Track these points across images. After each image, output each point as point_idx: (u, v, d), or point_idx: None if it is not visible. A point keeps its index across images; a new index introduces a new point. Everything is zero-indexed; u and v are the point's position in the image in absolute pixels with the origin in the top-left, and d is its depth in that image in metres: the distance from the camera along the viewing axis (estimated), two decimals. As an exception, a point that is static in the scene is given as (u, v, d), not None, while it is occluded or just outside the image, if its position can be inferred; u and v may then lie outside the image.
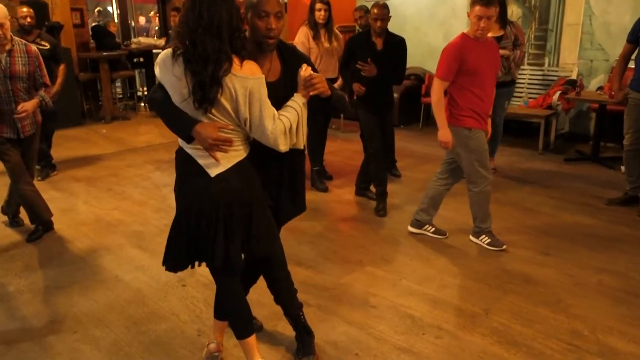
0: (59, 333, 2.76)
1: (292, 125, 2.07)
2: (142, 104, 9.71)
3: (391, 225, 4.13)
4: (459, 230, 3.95)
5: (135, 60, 9.38)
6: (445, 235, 3.86)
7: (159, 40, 9.66)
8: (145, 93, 10.01)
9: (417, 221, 3.89)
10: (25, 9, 4.98)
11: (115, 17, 10.80)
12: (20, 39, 3.74)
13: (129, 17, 10.91)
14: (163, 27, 10.35)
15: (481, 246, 3.69)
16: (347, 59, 4.35)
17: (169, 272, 2.22)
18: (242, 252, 2.17)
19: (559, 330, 2.72)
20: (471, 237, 3.78)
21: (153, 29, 12.71)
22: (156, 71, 2.01)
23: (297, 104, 2.10)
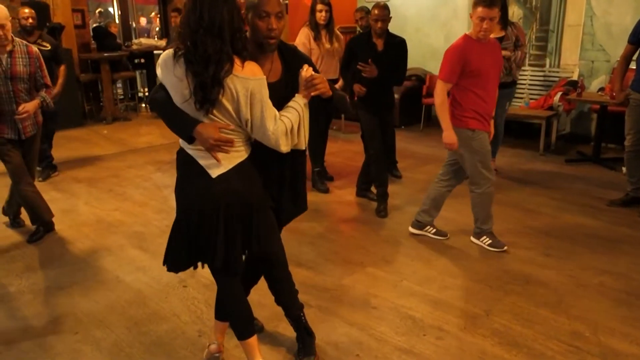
0: (60, 334, 2.76)
1: (294, 126, 2.07)
2: (143, 105, 9.72)
3: (392, 226, 4.13)
4: (460, 231, 3.94)
5: (136, 61, 9.39)
6: (446, 236, 3.86)
7: (160, 41, 9.67)
8: (146, 94, 10.03)
9: (418, 222, 3.89)
10: (27, 10, 4.99)
11: (116, 18, 10.82)
12: (21, 39, 3.75)
13: (130, 18, 10.93)
14: (164, 28, 10.36)
15: (482, 247, 3.68)
16: (348, 60, 4.36)
17: (169, 272, 2.23)
18: (243, 253, 2.17)
19: (560, 332, 2.72)
20: (472, 238, 3.77)
21: (154, 29, 12.73)
22: (158, 72, 2.01)
23: (299, 105, 2.10)
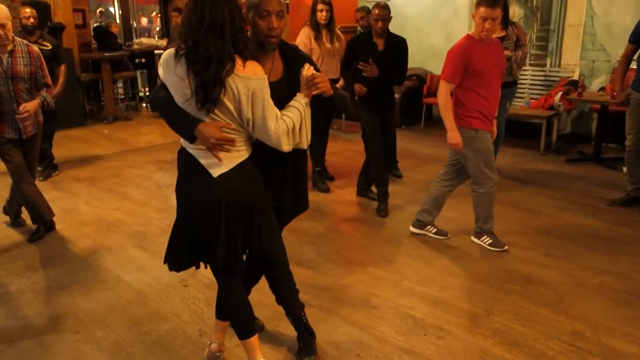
0: (61, 333, 2.76)
1: (295, 125, 2.07)
2: (144, 105, 9.72)
3: (393, 226, 4.13)
4: (460, 231, 3.94)
5: (137, 61, 9.39)
6: (447, 236, 3.86)
7: (161, 41, 9.68)
8: (147, 94, 10.03)
9: (419, 222, 3.89)
10: (28, 10, 4.99)
11: (117, 17, 10.82)
12: (21, 39, 3.75)
13: (130, 17, 10.94)
14: (165, 28, 10.37)
15: (482, 247, 3.68)
16: (349, 59, 4.36)
17: (170, 272, 2.23)
18: (244, 252, 2.17)
19: (561, 331, 2.72)
20: (473, 238, 3.77)
21: (155, 29, 12.73)
22: (159, 71, 2.01)
23: (300, 104, 2.10)
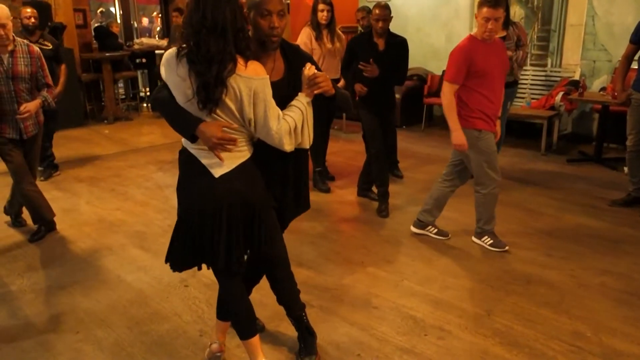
0: (61, 333, 2.76)
1: (297, 125, 2.06)
2: (145, 105, 9.73)
3: (393, 226, 4.13)
4: (461, 231, 3.94)
5: (137, 61, 9.40)
6: (448, 236, 3.86)
7: (162, 41, 9.68)
8: (148, 94, 10.03)
9: (420, 222, 3.89)
10: (29, 10, 5.00)
11: (117, 17, 10.83)
12: (22, 39, 3.75)
13: (131, 17, 10.94)
14: (165, 28, 10.38)
15: (483, 247, 3.68)
16: (349, 59, 4.36)
17: (171, 272, 2.23)
18: (245, 253, 2.17)
19: (562, 332, 2.71)
20: (473, 238, 3.77)
21: (155, 29, 12.74)
22: (161, 71, 2.01)
23: (302, 103, 2.09)
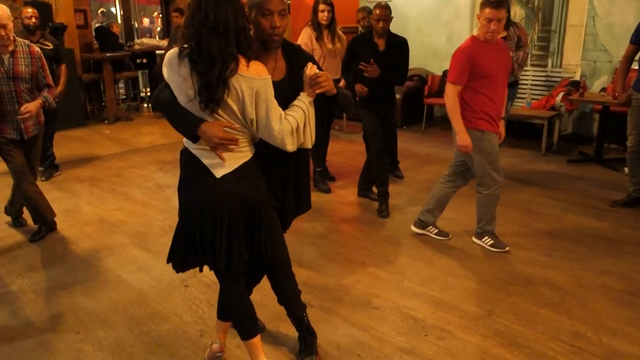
0: (62, 333, 2.76)
1: (299, 125, 2.06)
2: (145, 105, 9.73)
3: (393, 227, 4.13)
4: (461, 231, 3.94)
5: (138, 61, 9.40)
6: (448, 236, 3.85)
7: (162, 41, 9.69)
8: (149, 94, 10.04)
9: (421, 221, 3.89)
10: (30, 10, 5.01)
11: (118, 18, 10.84)
12: (23, 39, 3.75)
13: (132, 18, 10.95)
14: (166, 28, 10.38)
15: (484, 247, 3.68)
16: (349, 60, 4.36)
17: (171, 272, 2.22)
18: (246, 253, 2.16)
19: (562, 332, 2.71)
20: (474, 239, 3.77)
21: (156, 30, 12.75)
22: (163, 71, 2.00)
23: (304, 103, 2.09)
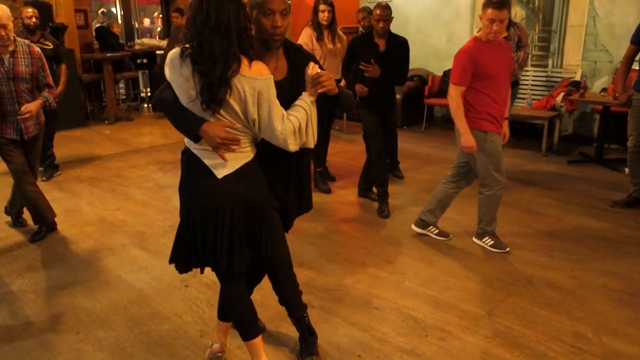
0: (62, 333, 2.76)
1: (302, 125, 2.05)
2: (146, 105, 9.73)
3: (394, 227, 4.13)
4: (462, 232, 3.94)
5: (138, 61, 9.41)
6: (449, 237, 3.85)
7: (162, 42, 9.69)
8: (149, 94, 10.04)
9: (422, 221, 3.88)
10: (30, 9, 5.01)
11: (118, 18, 10.84)
12: (23, 39, 3.75)
13: (132, 18, 10.95)
14: (166, 29, 10.38)
15: (484, 248, 3.68)
16: (350, 60, 4.36)
17: (171, 272, 2.23)
18: (247, 254, 2.16)
19: (563, 333, 2.71)
20: (474, 239, 3.76)
21: (156, 30, 12.75)
22: (165, 71, 2.00)
23: (306, 103, 2.08)
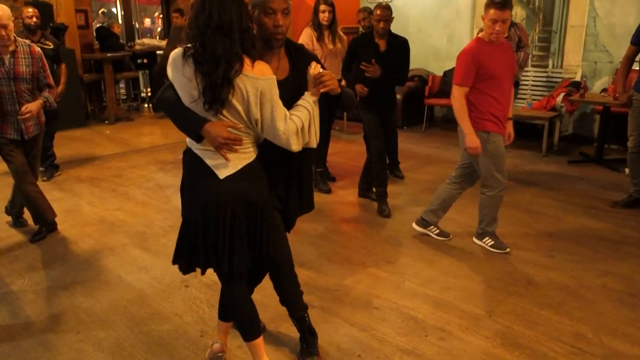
0: (62, 333, 2.76)
1: (304, 125, 2.05)
2: (146, 105, 9.73)
3: (394, 227, 4.12)
4: (463, 232, 3.94)
5: (139, 61, 9.41)
6: (449, 237, 3.85)
7: (163, 42, 9.69)
8: (149, 94, 10.04)
9: (424, 220, 3.88)
10: (30, 9, 5.02)
11: (119, 18, 10.85)
12: (23, 39, 3.75)
13: (132, 18, 10.96)
14: (167, 29, 10.38)
15: (485, 248, 3.68)
16: (350, 60, 4.36)
17: (172, 272, 2.23)
18: (249, 255, 2.16)
19: (563, 333, 2.71)
20: (475, 239, 3.76)
21: (156, 30, 12.75)
22: (168, 71, 1.99)
23: (308, 103, 2.08)
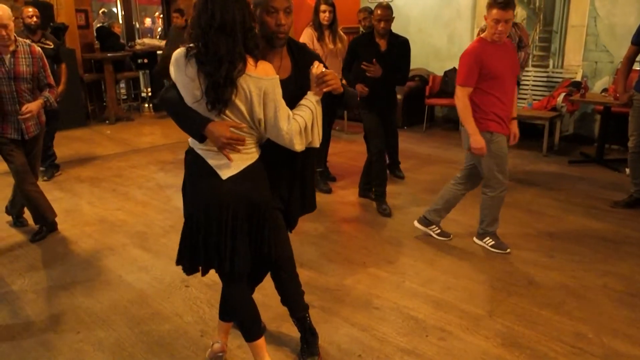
0: (62, 333, 2.76)
1: (307, 124, 2.05)
2: (146, 105, 9.73)
3: (394, 227, 4.12)
4: (463, 232, 3.93)
5: (139, 61, 9.41)
6: (450, 237, 3.85)
7: (163, 42, 9.68)
8: (149, 94, 10.04)
9: (426, 219, 3.87)
10: (31, 9, 5.02)
11: (119, 18, 10.85)
12: (24, 39, 3.75)
13: (133, 18, 10.96)
14: (167, 29, 10.38)
15: (485, 248, 3.67)
16: (351, 60, 4.35)
17: (172, 272, 2.23)
18: (250, 255, 2.15)
19: (563, 333, 2.71)
20: (475, 239, 3.76)
21: (157, 30, 12.75)
22: (170, 71, 1.99)
23: (311, 102, 2.08)
